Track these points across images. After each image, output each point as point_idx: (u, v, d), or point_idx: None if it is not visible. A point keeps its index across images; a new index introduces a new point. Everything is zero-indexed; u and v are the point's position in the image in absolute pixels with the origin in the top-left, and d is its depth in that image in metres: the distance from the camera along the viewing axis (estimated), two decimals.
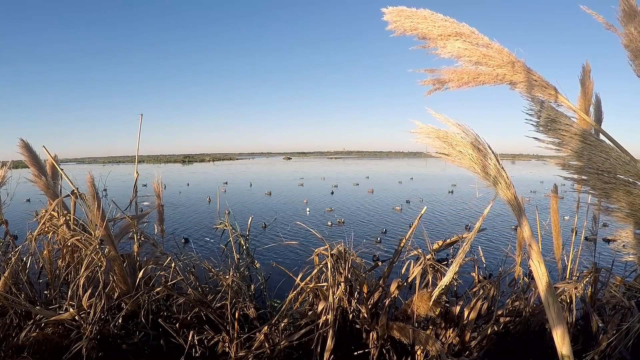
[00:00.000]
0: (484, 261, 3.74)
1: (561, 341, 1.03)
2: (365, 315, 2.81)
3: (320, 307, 2.74)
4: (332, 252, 2.77)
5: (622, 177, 1.09)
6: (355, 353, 2.75)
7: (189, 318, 2.88)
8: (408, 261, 3.11)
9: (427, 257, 2.97)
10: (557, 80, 1.22)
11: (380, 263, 3.19)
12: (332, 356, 2.60)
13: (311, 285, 2.84)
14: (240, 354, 2.70)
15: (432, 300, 2.40)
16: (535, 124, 1.14)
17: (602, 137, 1.22)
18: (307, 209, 16.26)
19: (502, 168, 1.12)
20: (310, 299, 2.99)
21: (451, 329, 2.84)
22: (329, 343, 2.60)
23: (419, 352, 2.62)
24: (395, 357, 2.72)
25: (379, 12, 1.29)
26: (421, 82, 1.32)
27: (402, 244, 2.93)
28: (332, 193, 23.61)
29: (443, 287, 0.99)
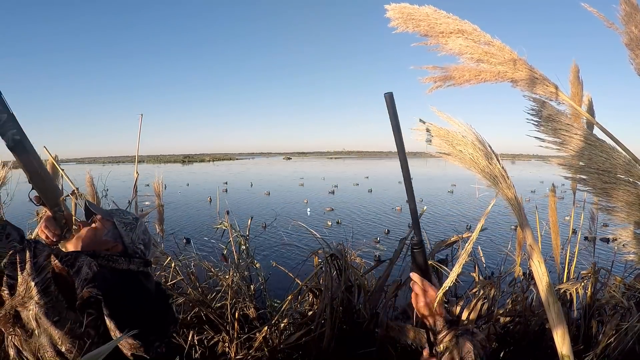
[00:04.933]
0: (484, 261, 3.74)
1: (561, 341, 1.03)
2: (365, 315, 2.81)
3: (320, 308, 2.74)
4: (332, 253, 2.77)
5: (622, 176, 1.09)
6: (355, 353, 2.75)
7: (189, 318, 2.88)
8: (408, 261, 3.11)
9: None
10: (559, 78, 1.22)
11: (380, 263, 3.19)
12: (332, 356, 2.60)
13: (312, 285, 2.84)
14: (240, 354, 2.70)
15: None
16: (536, 123, 1.14)
17: (601, 136, 1.21)
18: (309, 210, 16.26)
19: (503, 168, 1.11)
20: (310, 299, 2.98)
21: None
22: (330, 343, 2.60)
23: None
24: (395, 357, 2.71)
25: (380, 9, 1.28)
26: (423, 79, 1.31)
27: (402, 244, 2.93)
28: (332, 192, 23.61)
29: (446, 287, 0.99)
